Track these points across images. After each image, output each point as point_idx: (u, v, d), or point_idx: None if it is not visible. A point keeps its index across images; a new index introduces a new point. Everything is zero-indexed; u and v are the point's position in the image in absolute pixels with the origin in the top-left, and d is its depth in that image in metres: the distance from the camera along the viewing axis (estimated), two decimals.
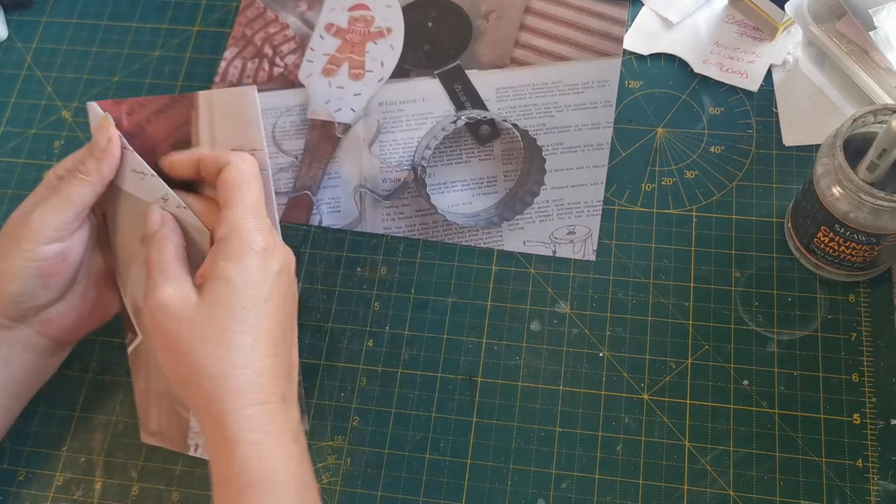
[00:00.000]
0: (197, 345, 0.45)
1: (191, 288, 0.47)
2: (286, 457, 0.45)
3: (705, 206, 0.61)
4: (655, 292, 0.59)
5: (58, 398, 0.60)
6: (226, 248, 0.47)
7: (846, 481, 0.53)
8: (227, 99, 0.52)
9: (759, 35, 0.66)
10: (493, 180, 0.64)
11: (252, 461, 0.44)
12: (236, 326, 0.46)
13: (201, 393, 0.45)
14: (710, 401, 0.55)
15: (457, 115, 0.64)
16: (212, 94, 0.52)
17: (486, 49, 0.68)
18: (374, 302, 0.61)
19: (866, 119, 0.50)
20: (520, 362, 0.58)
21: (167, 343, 0.46)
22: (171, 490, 0.57)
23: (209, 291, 0.46)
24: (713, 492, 0.53)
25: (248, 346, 0.46)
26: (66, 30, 0.74)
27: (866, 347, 0.56)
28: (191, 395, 0.46)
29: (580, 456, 0.55)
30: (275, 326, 0.47)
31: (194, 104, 0.53)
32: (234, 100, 0.52)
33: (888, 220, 0.49)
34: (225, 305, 0.46)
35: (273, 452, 0.45)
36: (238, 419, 0.44)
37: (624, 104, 0.65)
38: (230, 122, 0.52)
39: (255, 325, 0.46)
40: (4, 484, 0.58)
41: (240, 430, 0.44)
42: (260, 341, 0.46)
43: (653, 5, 0.68)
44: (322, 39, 0.70)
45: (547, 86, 0.66)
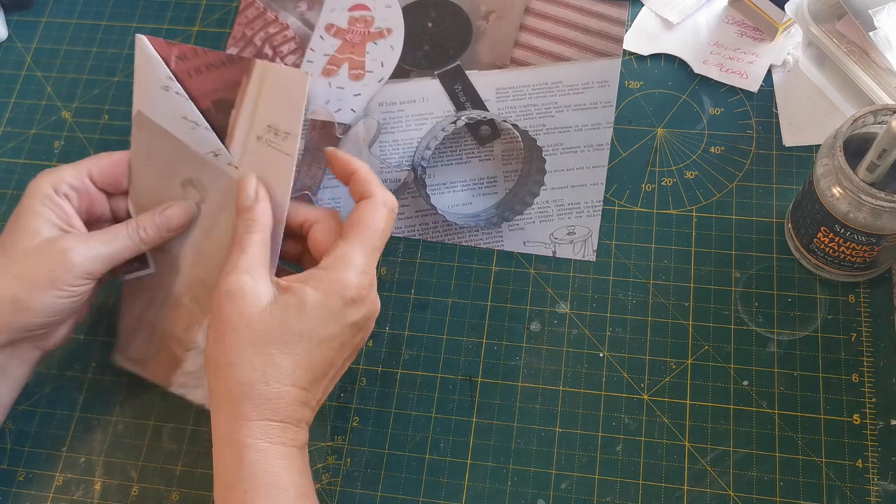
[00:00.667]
0: (242, 344, 0.46)
1: (267, 285, 0.47)
2: (290, 466, 0.46)
3: (705, 206, 0.61)
4: (655, 293, 0.59)
5: (58, 398, 0.60)
6: (320, 276, 0.47)
7: (846, 481, 0.53)
8: (281, 76, 0.51)
9: (759, 35, 0.66)
10: (493, 181, 0.64)
11: (258, 466, 0.45)
12: (284, 348, 0.46)
13: (226, 388, 0.46)
14: (710, 401, 0.56)
15: (457, 115, 0.64)
16: (268, 66, 0.52)
17: (486, 49, 0.68)
18: None
19: (866, 119, 0.50)
20: (519, 362, 0.58)
21: (219, 327, 0.47)
22: (171, 490, 0.57)
23: (282, 302, 0.46)
24: (713, 492, 0.53)
25: (285, 369, 0.46)
26: (66, 30, 0.74)
27: (866, 348, 0.56)
28: (217, 384, 0.47)
29: (580, 456, 0.55)
30: (319, 365, 0.47)
31: (248, 70, 0.52)
32: (287, 79, 0.51)
33: (888, 220, 0.49)
34: (286, 324, 0.46)
35: (279, 461, 0.45)
36: (251, 427, 0.45)
37: (624, 104, 0.65)
38: (275, 99, 0.51)
39: (301, 354, 0.46)
40: (4, 484, 0.58)
41: (250, 436, 0.45)
42: (298, 371, 0.46)
43: (653, 6, 0.68)
44: (322, 40, 0.70)
45: (547, 86, 0.66)
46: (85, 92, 0.71)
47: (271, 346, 0.46)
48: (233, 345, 0.46)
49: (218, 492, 0.46)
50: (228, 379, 0.46)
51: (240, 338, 0.46)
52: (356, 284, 0.47)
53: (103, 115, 0.70)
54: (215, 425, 0.47)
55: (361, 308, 0.48)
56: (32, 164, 0.68)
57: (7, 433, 0.59)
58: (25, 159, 0.68)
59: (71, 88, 0.71)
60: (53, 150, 0.69)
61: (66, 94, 0.71)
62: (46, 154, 0.68)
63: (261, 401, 0.45)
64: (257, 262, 0.48)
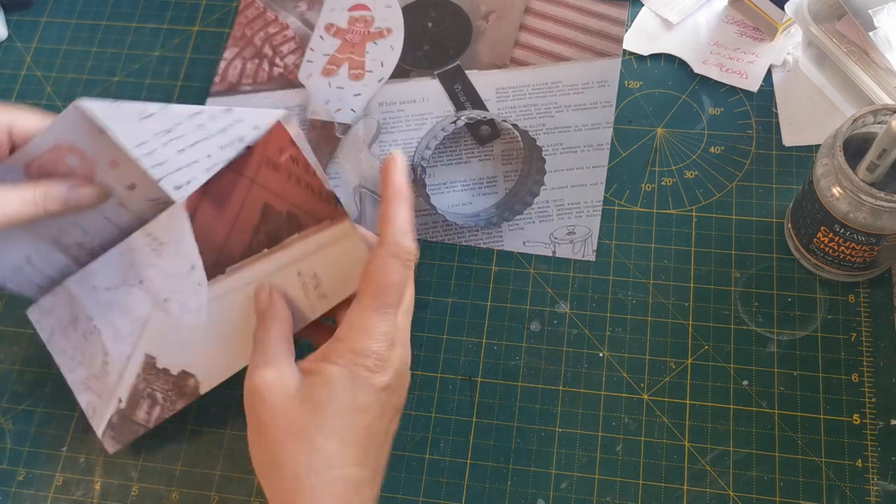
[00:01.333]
0: (281, 439, 0.44)
1: (292, 374, 0.46)
2: None
3: (705, 206, 0.61)
4: (655, 292, 0.59)
5: (58, 398, 0.60)
6: (338, 349, 0.45)
7: (846, 481, 0.53)
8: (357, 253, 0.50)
9: (758, 35, 0.66)
10: (492, 180, 0.64)
11: None
12: (323, 431, 0.44)
13: (278, 488, 0.44)
14: (709, 401, 0.56)
15: (457, 115, 0.64)
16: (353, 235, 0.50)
17: (486, 49, 0.68)
18: None
19: (866, 119, 0.50)
20: (519, 362, 0.58)
21: (255, 427, 0.45)
22: (171, 490, 0.57)
23: (307, 387, 0.45)
24: (713, 492, 0.53)
25: (332, 451, 0.44)
26: (66, 30, 0.74)
27: (866, 347, 0.56)
28: (268, 484, 0.45)
29: (580, 456, 0.55)
30: (363, 436, 0.45)
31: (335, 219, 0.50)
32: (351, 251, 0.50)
33: (888, 220, 0.49)
34: (318, 406, 0.44)
35: None
36: None
37: (624, 104, 0.65)
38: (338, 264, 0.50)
39: (341, 431, 0.44)
40: (4, 484, 0.58)
41: None
42: (346, 449, 0.44)
43: (653, 5, 0.68)
44: (322, 40, 0.70)
45: (547, 86, 0.66)
46: (85, 92, 0.71)
47: (308, 432, 0.43)
48: (272, 440, 0.44)
49: None
50: (276, 478, 0.44)
51: (277, 432, 0.44)
52: (374, 350, 0.45)
53: None
54: None
55: (387, 370, 0.45)
56: None
57: (7, 433, 0.59)
58: None
59: (71, 88, 0.71)
60: None
61: (66, 94, 0.71)
62: None
63: (313, 494, 0.43)
64: (277, 353, 0.47)
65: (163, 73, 0.71)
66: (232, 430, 0.58)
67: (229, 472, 0.57)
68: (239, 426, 0.58)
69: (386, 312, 0.46)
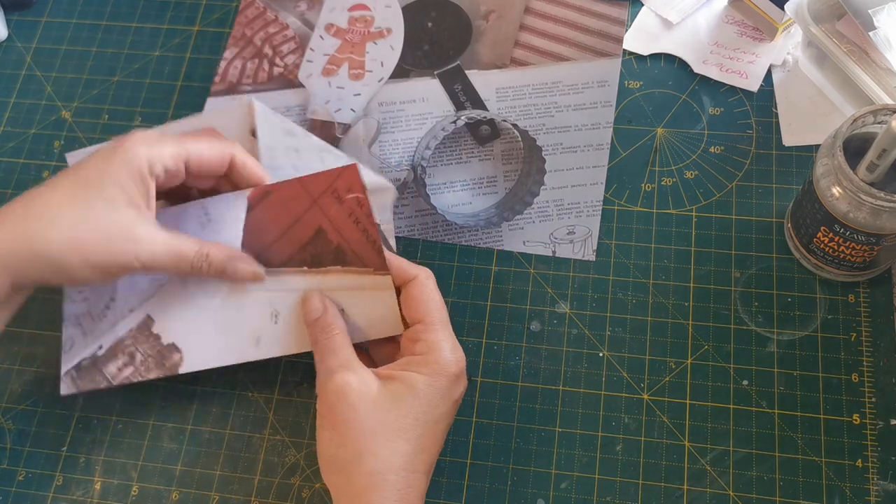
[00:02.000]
0: (364, 435, 0.46)
1: (370, 376, 0.48)
2: None
3: (705, 206, 0.61)
4: (655, 292, 0.59)
5: (58, 398, 0.60)
6: (423, 361, 0.48)
7: (846, 481, 0.53)
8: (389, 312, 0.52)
9: (758, 35, 0.66)
10: (492, 180, 0.64)
11: None
12: (405, 434, 0.46)
13: (354, 483, 0.46)
14: (709, 401, 0.56)
15: (457, 115, 0.64)
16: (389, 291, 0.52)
17: (486, 49, 0.68)
18: None
19: (866, 119, 0.50)
20: (519, 362, 0.58)
21: (336, 424, 0.47)
22: (171, 490, 0.57)
23: (392, 391, 0.47)
24: (713, 492, 0.53)
25: (408, 455, 0.46)
26: (66, 30, 0.74)
27: (866, 347, 0.56)
28: (344, 480, 0.47)
29: (580, 456, 0.55)
30: (434, 446, 0.48)
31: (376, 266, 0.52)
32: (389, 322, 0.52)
33: (888, 220, 0.50)
34: (403, 409, 0.47)
35: None
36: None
37: (624, 104, 0.65)
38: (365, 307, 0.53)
39: (418, 438, 0.47)
40: (4, 484, 0.58)
41: None
42: (420, 456, 0.47)
43: (653, 5, 0.68)
44: (322, 39, 0.70)
45: (547, 86, 0.66)
46: (85, 92, 0.71)
47: (393, 433, 0.46)
48: (356, 438, 0.46)
49: None
50: (354, 473, 0.46)
51: (361, 430, 0.46)
52: (455, 361, 0.49)
53: (103, 114, 0.70)
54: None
55: (462, 382, 0.50)
56: (32, 164, 0.68)
57: (7, 433, 0.59)
58: (25, 159, 0.68)
59: (71, 88, 0.71)
60: (53, 150, 0.69)
61: (66, 93, 0.71)
62: (46, 154, 0.68)
63: (390, 492, 0.45)
64: (351, 358, 0.49)
65: (163, 73, 0.71)
66: (232, 431, 0.58)
67: (229, 472, 0.57)
68: (239, 426, 0.58)
69: (450, 330, 0.50)
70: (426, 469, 0.48)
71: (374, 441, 0.46)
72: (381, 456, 0.46)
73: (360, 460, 0.46)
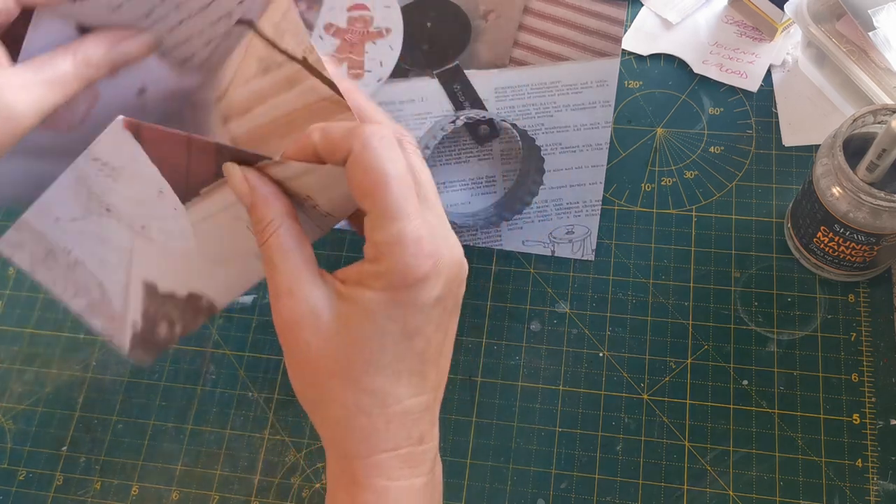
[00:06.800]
0: (324, 378, 0.38)
1: (323, 300, 0.38)
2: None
3: (705, 206, 0.61)
4: (655, 292, 0.59)
5: (58, 398, 0.60)
6: (374, 273, 0.36)
7: (846, 481, 0.53)
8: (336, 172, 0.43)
9: (758, 35, 0.66)
10: (491, 180, 0.64)
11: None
12: (371, 368, 0.37)
13: (327, 428, 0.39)
14: (709, 401, 0.56)
15: (456, 114, 0.64)
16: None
17: (485, 49, 0.68)
18: None
19: (866, 119, 0.50)
20: (519, 362, 0.58)
21: (292, 362, 0.39)
22: (171, 490, 0.57)
23: (346, 319, 0.37)
24: (713, 492, 0.53)
25: (383, 388, 0.37)
26: None
27: (866, 347, 0.56)
28: (317, 421, 0.40)
29: (580, 456, 0.55)
30: (418, 362, 0.38)
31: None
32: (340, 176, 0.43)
33: (888, 220, 0.50)
34: (361, 342, 0.37)
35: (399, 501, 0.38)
36: (364, 465, 0.38)
37: (624, 104, 0.65)
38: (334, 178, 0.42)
39: (393, 364, 0.37)
40: (4, 484, 0.58)
41: (366, 476, 0.38)
42: (399, 382, 0.38)
43: (652, 5, 0.68)
44: (321, 39, 0.70)
45: (546, 86, 0.66)
46: None
47: (354, 371, 0.37)
48: (313, 382, 0.38)
49: None
50: (324, 417, 0.39)
51: (317, 371, 0.38)
52: (416, 263, 0.36)
53: None
54: (327, 464, 0.40)
55: (437, 280, 0.37)
56: None
57: (7, 433, 0.59)
58: None
59: None
60: None
61: None
62: None
63: (365, 434, 0.38)
64: (298, 273, 0.38)
65: None
66: (232, 430, 0.58)
67: (229, 472, 0.57)
68: (239, 426, 0.58)
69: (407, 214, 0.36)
70: (414, 392, 0.38)
71: (335, 383, 0.37)
72: (347, 399, 0.37)
73: (325, 406, 0.38)
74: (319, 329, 0.37)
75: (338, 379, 0.37)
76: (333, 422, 0.38)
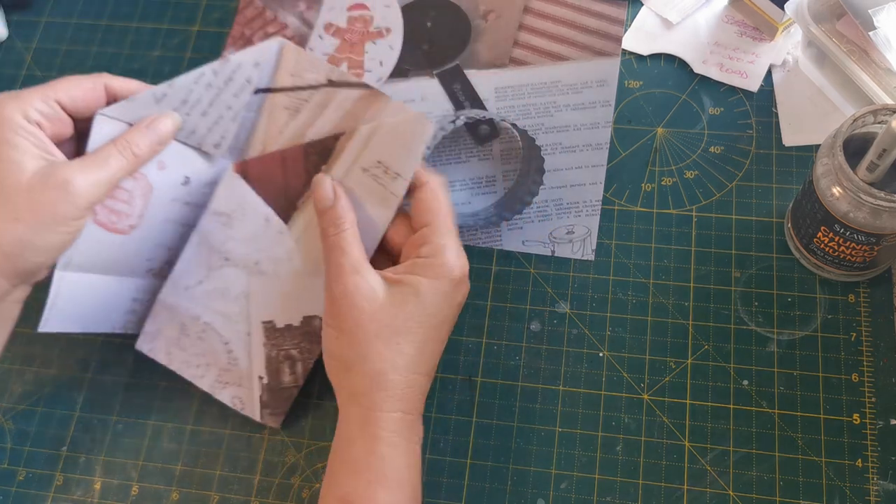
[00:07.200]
0: (370, 338, 0.48)
1: (378, 281, 0.49)
2: (412, 465, 0.49)
3: (705, 206, 0.61)
4: (655, 292, 0.59)
5: (58, 398, 0.60)
6: (428, 264, 0.49)
7: (846, 481, 0.53)
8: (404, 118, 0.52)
9: (758, 35, 0.66)
10: (491, 180, 0.64)
11: (388, 461, 0.48)
12: (408, 336, 0.48)
13: (359, 383, 0.48)
14: (709, 401, 0.56)
15: (456, 114, 0.64)
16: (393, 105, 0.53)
17: (485, 49, 0.68)
18: None
19: (866, 119, 0.50)
20: (519, 362, 0.58)
21: (343, 326, 0.49)
22: (171, 490, 0.57)
23: (398, 295, 0.49)
24: (713, 492, 0.53)
25: (411, 356, 0.49)
26: (66, 30, 0.74)
27: (866, 347, 0.56)
28: (349, 379, 0.49)
29: (580, 456, 0.55)
30: (436, 350, 0.50)
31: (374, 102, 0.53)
32: (409, 122, 0.52)
33: (888, 220, 0.49)
34: (406, 313, 0.48)
35: (405, 458, 0.48)
36: (385, 419, 0.48)
37: (624, 104, 0.65)
38: (393, 139, 0.52)
39: (422, 341, 0.49)
40: (4, 484, 0.58)
41: (385, 429, 0.48)
42: (421, 357, 0.49)
43: (652, 5, 0.68)
44: (321, 39, 0.70)
45: (546, 85, 0.66)
46: None
47: (397, 335, 0.48)
48: (362, 340, 0.48)
49: (341, 475, 0.48)
50: (359, 373, 0.48)
51: (367, 332, 0.48)
52: (459, 265, 0.50)
53: None
54: (347, 417, 0.49)
55: (465, 287, 0.51)
56: None
57: (7, 433, 0.59)
58: None
59: None
60: None
61: None
62: None
63: (394, 390, 0.48)
64: (360, 259, 0.50)
65: (163, 73, 0.71)
66: (232, 431, 0.58)
67: (229, 472, 0.57)
68: (239, 426, 0.58)
69: (455, 236, 0.51)
70: (428, 370, 0.50)
71: (379, 343, 0.48)
72: (386, 357, 0.48)
73: (364, 361, 0.48)
74: (375, 299, 0.48)
75: (383, 339, 0.48)
76: (371, 375, 0.48)
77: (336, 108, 0.54)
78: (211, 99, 0.54)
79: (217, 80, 0.53)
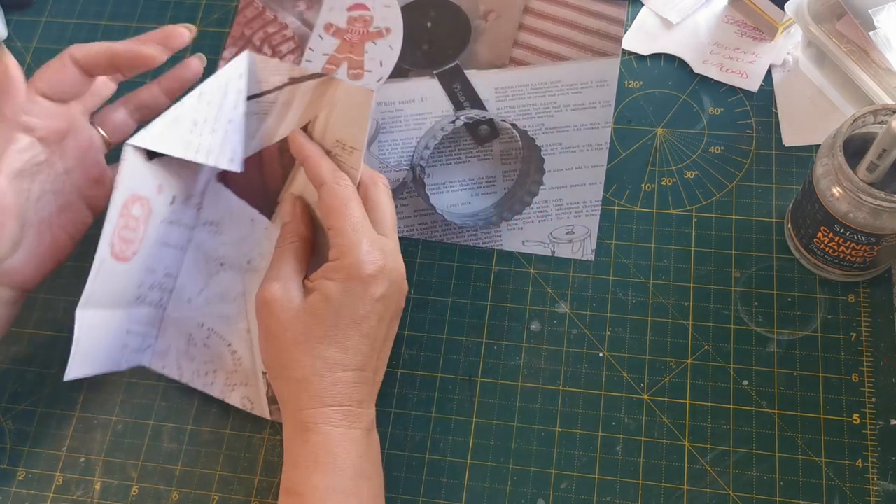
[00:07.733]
0: (288, 346, 0.50)
1: (298, 290, 0.51)
2: (349, 448, 0.49)
3: (705, 206, 0.61)
4: (655, 292, 0.59)
5: (58, 398, 0.60)
6: (335, 267, 0.50)
7: (846, 481, 0.53)
8: (348, 93, 0.54)
9: (758, 35, 0.66)
10: (491, 180, 0.64)
11: (320, 447, 0.49)
12: (325, 341, 0.50)
13: (285, 389, 0.51)
14: (709, 401, 0.56)
15: (456, 115, 0.64)
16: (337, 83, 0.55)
17: (485, 49, 0.68)
18: None
19: (866, 119, 0.50)
20: (519, 362, 0.58)
21: (265, 335, 0.51)
22: (171, 490, 0.57)
23: (310, 302, 0.50)
24: (713, 492, 0.53)
25: (332, 358, 0.50)
26: (66, 30, 0.74)
27: (866, 347, 0.56)
28: (278, 384, 0.51)
29: (580, 456, 0.55)
30: (363, 344, 0.51)
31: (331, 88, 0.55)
32: (353, 95, 0.54)
33: (888, 220, 0.49)
34: (320, 319, 0.50)
35: (339, 443, 0.49)
36: (315, 414, 0.49)
37: (624, 104, 0.65)
38: (344, 115, 0.54)
39: (342, 340, 0.50)
40: (4, 484, 0.58)
41: (314, 422, 0.49)
42: (346, 355, 0.50)
43: (652, 5, 0.68)
44: (321, 39, 0.70)
45: (546, 86, 0.66)
46: None
47: (312, 341, 0.50)
48: (280, 349, 0.50)
49: (286, 471, 0.50)
50: (285, 379, 0.50)
51: (284, 341, 0.50)
52: (371, 261, 0.50)
53: None
54: (283, 416, 0.51)
55: (382, 281, 0.51)
56: None
57: (7, 433, 0.59)
58: None
59: None
60: None
61: None
62: None
63: (317, 392, 0.49)
64: (289, 270, 0.52)
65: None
66: (232, 430, 0.58)
67: (229, 472, 0.57)
68: (239, 426, 0.58)
69: (362, 229, 0.51)
70: (358, 365, 0.50)
71: (296, 351, 0.50)
72: (305, 364, 0.49)
73: (288, 368, 0.50)
74: (290, 307, 0.50)
75: (300, 347, 0.50)
76: (294, 381, 0.50)
77: (299, 102, 0.56)
78: (215, 115, 0.55)
79: (215, 96, 0.55)
